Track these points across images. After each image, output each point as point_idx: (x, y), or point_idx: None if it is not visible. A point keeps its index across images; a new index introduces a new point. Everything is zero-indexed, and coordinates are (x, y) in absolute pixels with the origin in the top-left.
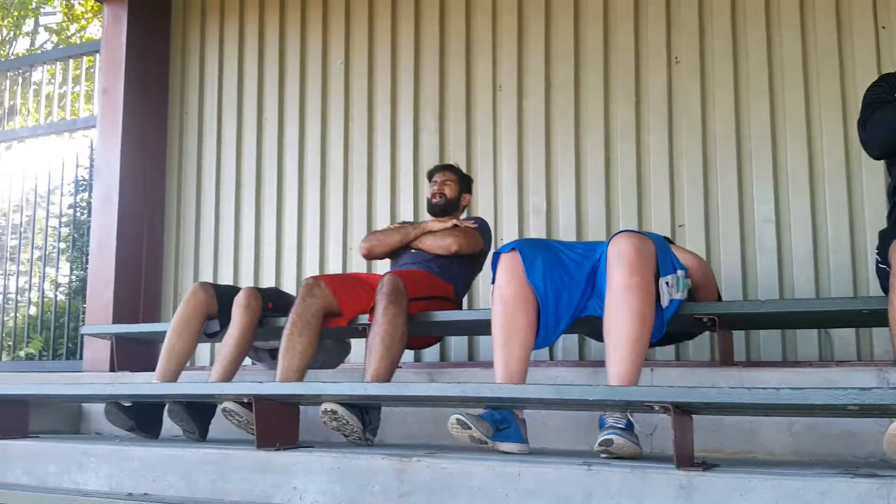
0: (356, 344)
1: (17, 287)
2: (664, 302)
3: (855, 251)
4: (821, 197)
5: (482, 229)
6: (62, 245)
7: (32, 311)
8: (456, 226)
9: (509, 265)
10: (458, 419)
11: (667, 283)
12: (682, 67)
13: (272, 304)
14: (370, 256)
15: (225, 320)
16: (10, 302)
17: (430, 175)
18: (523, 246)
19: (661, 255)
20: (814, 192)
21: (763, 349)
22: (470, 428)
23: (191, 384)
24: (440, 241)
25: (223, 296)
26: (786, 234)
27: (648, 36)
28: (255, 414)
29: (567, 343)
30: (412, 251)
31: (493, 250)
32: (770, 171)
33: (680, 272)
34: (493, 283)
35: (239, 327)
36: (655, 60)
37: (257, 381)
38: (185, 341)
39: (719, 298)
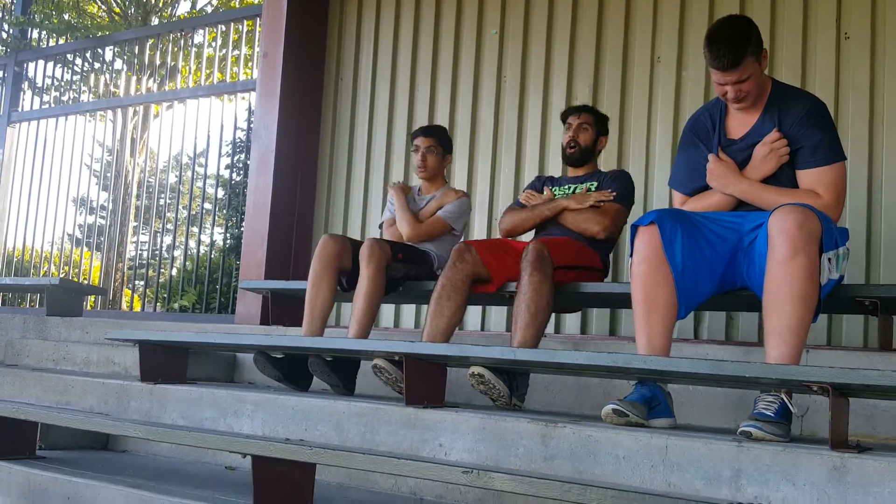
0: (507, 309)
1: (173, 242)
2: (823, 278)
3: None
4: None
5: (625, 190)
6: (217, 204)
7: (188, 266)
8: (593, 206)
9: (648, 238)
10: (613, 409)
11: (829, 259)
12: (851, 43)
13: (402, 254)
14: (511, 236)
15: (358, 273)
16: (167, 257)
17: (564, 117)
18: (662, 218)
19: (825, 229)
20: None
21: None
22: (627, 415)
23: (342, 339)
24: (584, 225)
25: (357, 247)
26: None
27: (818, 9)
28: (405, 372)
29: (713, 323)
30: (556, 223)
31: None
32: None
33: (841, 248)
34: (630, 256)
35: (367, 277)
36: (824, 35)
37: (409, 341)
38: (324, 296)
39: None
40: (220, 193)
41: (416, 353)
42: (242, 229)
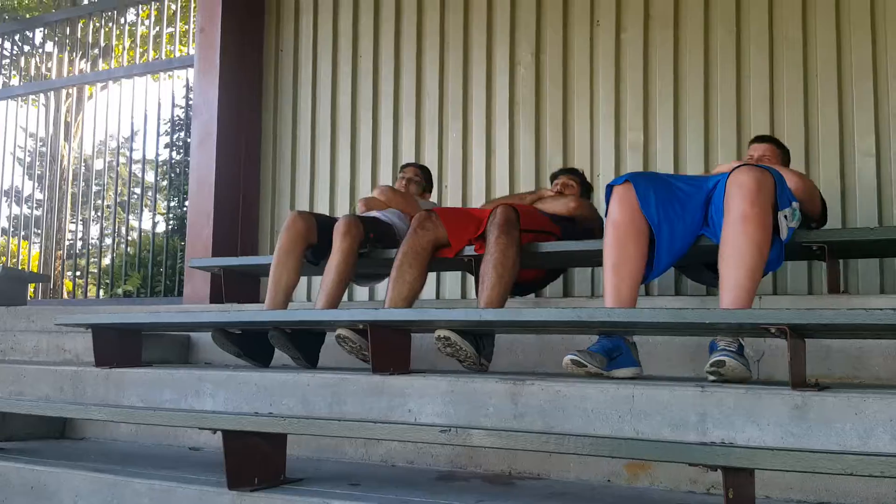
0: (465, 275)
1: (114, 226)
2: (783, 234)
3: None
4: None
5: (596, 211)
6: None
7: (130, 250)
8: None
9: (622, 196)
10: (572, 360)
11: (785, 216)
12: None
13: (373, 233)
14: None
15: (324, 248)
16: (108, 243)
17: (553, 177)
18: (637, 178)
19: (779, 188)
20: None
21: (861, 281)
22: (585, 365)
23: (307, 311)
24: (558, 199)
25: (323, 224)
26: (886, 167)
27: None
28: (371, 340)
29: (662, 279)
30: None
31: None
32: (871, 103)
33: (795, 204)
34: (605, 215)
35: (340, 253)
36: None
37: (373, 308)
38: (290, 271)
39: (823, 212)
40: (161, 173)
41: (382, 319)
42: (185, 209)
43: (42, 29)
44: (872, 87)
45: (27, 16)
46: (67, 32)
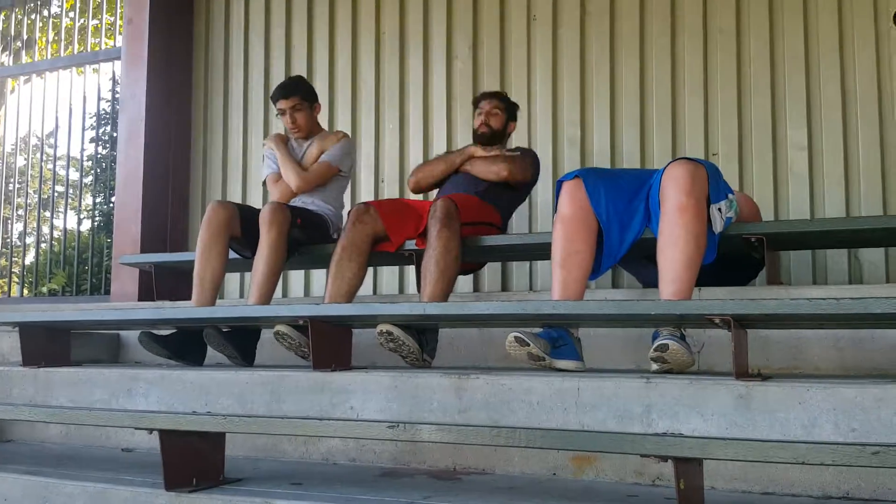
0: (402, 270)
1: (38, 223)
2: (716, 227)
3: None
4: (853, 122)
5: (532, 159)
6: (85, 180)
7: (55, 246)
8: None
9: (572, 191)
10: (515, 337)
11: (719, 209)
12: None
13: (301, 219)
14: (418, 190)
15: (250, 239)
16: (30, 239)
17: (476, 102)
18: (587, 174)
19: (712, 181)
20: (846, 117)
21: (795, 273)
22: (528, 345)
23: (245, 307)
24: (490, 167)
25: (246, 213)
26: (818, 158)
27: None
28: (311, 335)
29: None
30: (459, 175)
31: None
32: (803, 94)
33: (731, 196)
34: (555, 211)
35: (268, 244)
36: None
37: (313, 304)
38: (214, 265)
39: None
40: (86, 169)
41: (323, 315)
42: (112, 205)
43: None
44: (805, 79)
45: None
46: None
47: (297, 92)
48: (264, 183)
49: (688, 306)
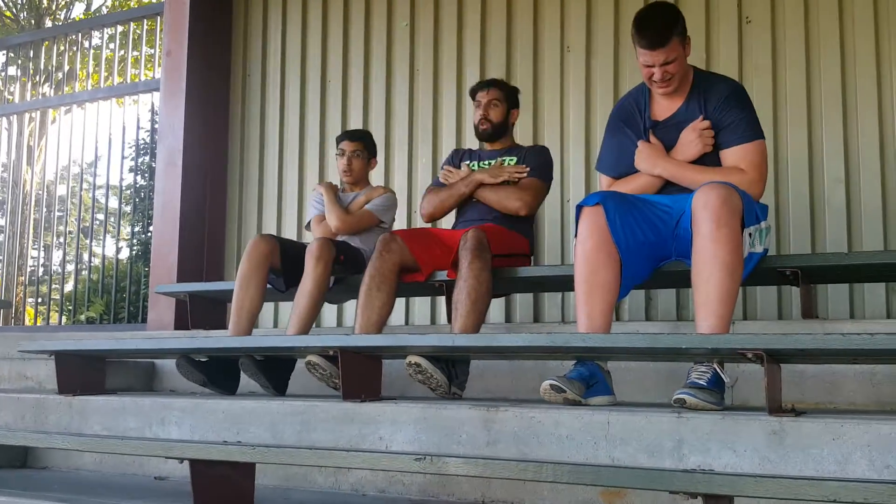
0: (434, 301)
1: (77, 252)
2: (744, 253)
3: None
4: (890, 154)
5: (543, 167)
6: (125, 209)
7: (93, 276)
8: (507, 182)
9: (592, 219)
10: (551, 385)
11: (749, 234)
12: (752, 26)
13: (343, 256)
14: (432, 220)
15: (289, 273)
16: (70, 268)
17: (473, 93)
18: (607, 200)
19: (746, 205)
20: (884, 149)
21: (831, 306)
22: (564, 391)
23: (276, 338)
24: (506, 203)
25: (287, 248)
26: (855, 192)
27: None
28: (341, 366)
29: (633, 303)
30: (475, 203)
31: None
32: (840, 128)
33: (763, 223)
34: (575, 236)
35: (312, 279)
36: (726, 20)
37: (344, 334)
38: (253, 296)
39: None
40: (125, 198)
41: (353, 345)
42: (150, 234)
43: (4, 52)
44: (842, 113)
45: None
46: (31, 56)
47: (363, 139)
48: (308, 225)
49: (719, 340)
